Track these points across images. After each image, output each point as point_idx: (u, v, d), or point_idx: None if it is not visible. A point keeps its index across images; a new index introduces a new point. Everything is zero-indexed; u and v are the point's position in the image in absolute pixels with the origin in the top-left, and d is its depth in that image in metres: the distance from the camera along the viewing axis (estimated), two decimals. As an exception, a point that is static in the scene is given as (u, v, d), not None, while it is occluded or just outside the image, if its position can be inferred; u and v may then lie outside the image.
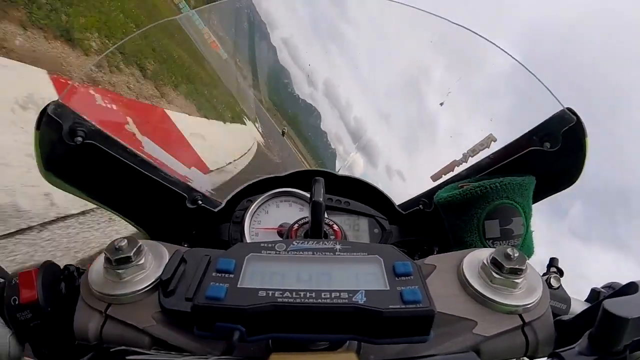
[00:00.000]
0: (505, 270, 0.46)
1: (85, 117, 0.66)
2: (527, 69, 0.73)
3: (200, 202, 0.84)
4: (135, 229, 0.85)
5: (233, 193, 0.89)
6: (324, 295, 0.37)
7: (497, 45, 0.76)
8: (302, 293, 0.37)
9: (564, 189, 0.75)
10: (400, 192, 0.98)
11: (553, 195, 0.77)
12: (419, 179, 0.96)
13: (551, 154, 0.70)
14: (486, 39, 0.77)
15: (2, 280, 0.53)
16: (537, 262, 0.66)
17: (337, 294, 0.37)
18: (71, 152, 0.66)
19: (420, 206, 0.90)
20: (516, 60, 0.74)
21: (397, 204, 0.93)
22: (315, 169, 0.95)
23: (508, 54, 0.75)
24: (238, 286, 0.38)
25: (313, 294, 0.37)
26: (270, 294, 0.37)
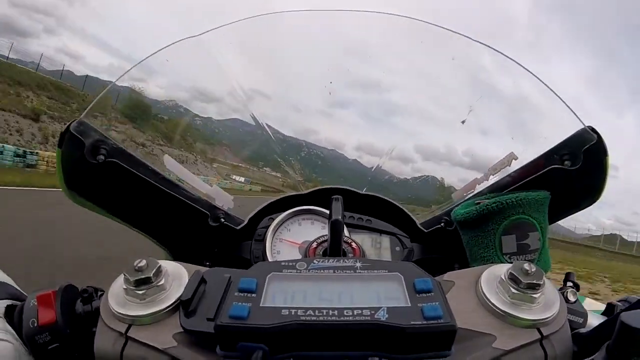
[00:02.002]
0: (522, 285, 0.47)
1: (107, 135, 0.67)
2: (549, 87, 0.73)
3: (222, 220, 0.84)
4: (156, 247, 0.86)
5: (255, 211, 0.90)
6: (347, 312, 0.38)
7: (519, 64, 0.77)
8: (324, 311, 0.38)
9: (585, 207, 0.75)
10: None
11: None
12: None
13: (572, 172, 0.71)
14: (508, 57, 0.78)
15: (19, 302, 0.53)
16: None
17: (360, 312, 0.38)
18: (93, 170, 0.67)
19: (442, 224, 0.90)
20: (538, 78, 0.75)
21: (419, 222, 0.94)
22: (337, 186, 0.95)
23: (531, 72, 0.75)
24: (261, 305, 0.39)
25: (336, 312, 0.38)
26: (293, 313, 0.38)
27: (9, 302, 0.53)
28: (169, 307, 0.47)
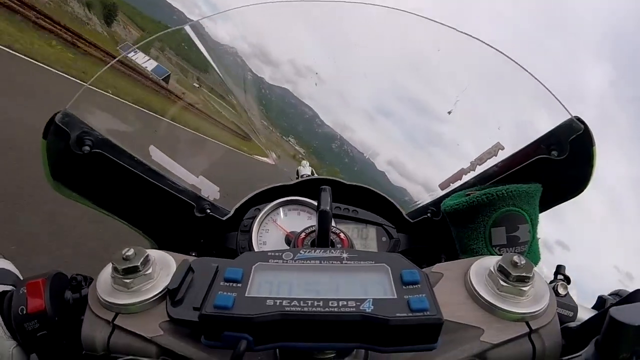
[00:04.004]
0: (512, 277, 0.46)
1: (92, 126, 0.67)
2: (534, 77, 0.73)
3: (208, 211, 0.84)
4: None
5: (241, 202, 0.90)
6: (332, 304, 0.37)
7: (504, 54, 0.76)
8: (309, 302, 0.37)
9: (572, 197, 0.75)
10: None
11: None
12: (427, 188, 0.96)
13: (559, 162, 0.70)
14: (494, 48, 0.77)
15: (12, 287, 0.53)
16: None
17: (345, 303, 0.37)
18: (79, 161, 0.66)
19: (429, 214, 0.90)
20: (523, 68, 0.74)
21: (405, 212, 0.93)
22: (324, 177, 0.95)
23: (516, 62, 0.75)
24: (246, 295, 0.39)
25: (321, 303, 0.37)
26: (277, 303, 0.37)
27: (3, 287, 0.54)
28: (156, 296, 0.47)
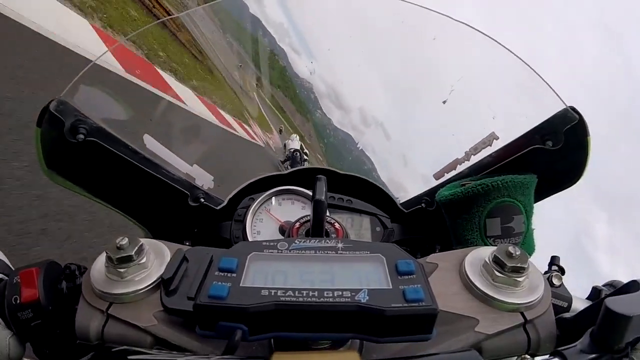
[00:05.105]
0: (507, 268, 0.46)
1: (87, 114, 0.66)
2: (529, 66, 0.72)
3: (202, 200, 0.84)
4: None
5: (235, 191, 0.89)
6: (327, 294, 0.37)
7: (499, 43, 0.76)
8: (304, 292, 0.37)
9: (566, 187, 0.75)
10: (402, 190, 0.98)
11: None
12: (421, 177, 0.96)
13: (553, 152, 0.70)
14: (488, 36, 0.76)
15: (4, 277, 0.53)
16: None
17: (340, 293, 0.37)
18: (73, 149, 0.66)
19: (423, 205, 0.90)
20: (518, 57, 0.74)
21: (399, 202, 0.93)
22: (318, 166, 0.94)
23: (511, 51, 0.75)
24: (240, 285, 0.38)
25: (316, 293, 0.37)
26: (272, 293, 0.37)
27: None
28: (150, 285, 0.47)
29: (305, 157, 5.58)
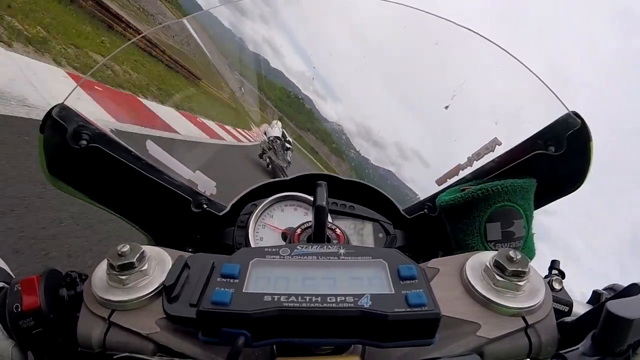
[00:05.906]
0: (508, 272, 0.47)
1: (89, 120, 0.66)
2: (533, 72, 0.73)
3: (205, 206, 0.84)
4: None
5: (238, 197, 0.89)
6: (330, 299, 0.37)
7: (502, 48, 0.76)
8: (307, 297, 0.37)
9: (569, 193, 0.75)
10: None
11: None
12: (424, 183, 0.96)
13: (556, 157, 0.70)
14: (492, 42, 0.77)
15: (5, 285, 0.53)
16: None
17: (343, 298, 0.37)
18: (75, 155, 0.66)
19: (425, 210, 0.90)
20: (521, 63, 0.74)
21: (402, 208, 0.93)
22: (320, 172, 0.95)
23: (514, 57, 0.75)
24: (243, 291, 0.38)
25: (319, 299, 0.37)
26: (275, 299, 0.37)
27: None
28: (152, 292, 0.47)
29: (288, 144, 4.86)
